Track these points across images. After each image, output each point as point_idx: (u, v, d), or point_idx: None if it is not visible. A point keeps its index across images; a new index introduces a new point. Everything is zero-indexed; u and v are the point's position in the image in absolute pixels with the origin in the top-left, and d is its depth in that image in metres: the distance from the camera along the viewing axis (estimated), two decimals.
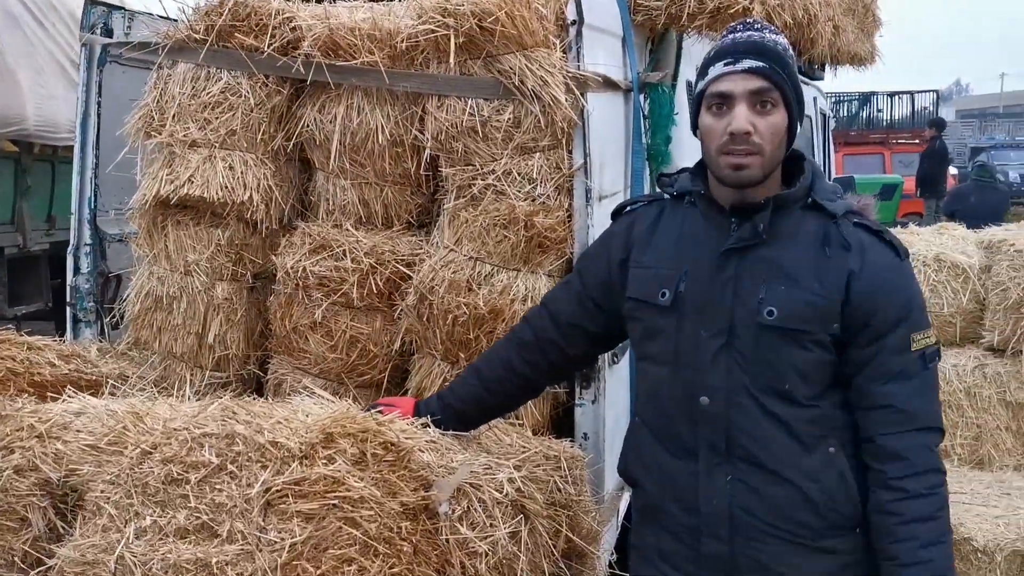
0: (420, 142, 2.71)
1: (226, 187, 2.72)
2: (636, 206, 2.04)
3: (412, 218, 2.86)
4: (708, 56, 1.82)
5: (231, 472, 1.81)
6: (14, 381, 2.49)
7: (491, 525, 2.03)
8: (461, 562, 1.99)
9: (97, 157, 3.16)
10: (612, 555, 2.75)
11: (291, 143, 2.82)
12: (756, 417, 1.78)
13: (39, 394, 2.44)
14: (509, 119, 2.57)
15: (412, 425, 2.10)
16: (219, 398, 2.02)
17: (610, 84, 2.82)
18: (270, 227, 2.84)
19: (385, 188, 2.79)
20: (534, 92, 2.51)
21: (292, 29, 2.68)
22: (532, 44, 2.54)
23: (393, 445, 1.94)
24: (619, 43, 2.99)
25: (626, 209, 2.06)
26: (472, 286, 2.61)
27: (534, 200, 2.60)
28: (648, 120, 3.15)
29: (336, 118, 2.71)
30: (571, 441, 2.57)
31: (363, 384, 2.84)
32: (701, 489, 1.82)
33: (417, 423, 2.13)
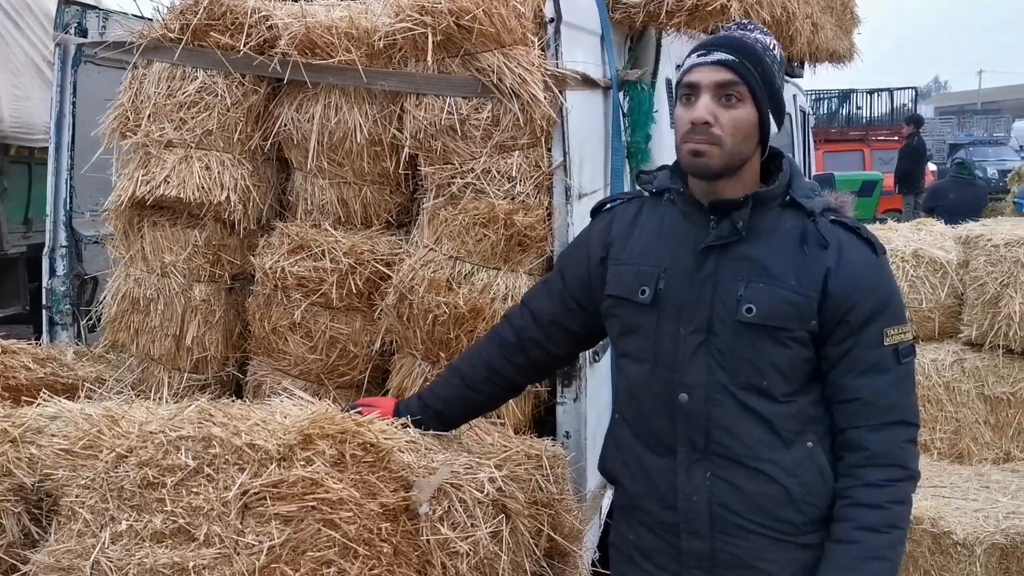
0: (399, 141, 2.69)
1: (203, 187, 2.70)
2: (615, 204, 2.04)
3: (391, 217, 2.85)
4: (691, 51, 1.84)
5: (208, 475, 1.79)
6: None
7: (472, 525, 2.03)
8: (442, 563, 1.98)
9: (72, 158, 3.13)
10: (595, 553, 2.75)
11: (268, 143, 2.80)
12: (735, 413, 1.79)
13: (14, 398, 2.42)
14: (488, 117, 2.56)
15: (392, 426, 2.08)
16: (197, 400, 2.00)
17: (589, 82, 2.82)
18: (248, 227, 2.82)
19: (364, 187, 2.77)
20: (513, 90, 2.51)
21: (268, 28, 2.66)
22: (510, 42, 2.53)
23: (372, 446, 1.92)
24: (598, 41, 2.99)
25: (605, 207, 2.06)
26: (452, 285, 2.60)
27: (513, 198, 2.60)
28: (627, 118, 3.16)
29: (314, 117, 2.69)
30: (553, 440, 2.57)
31: (343, 385, 2.83)
32: (680, 486, 1.82)
33: (397, 423, 2.12)
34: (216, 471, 1.79)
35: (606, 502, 2.93)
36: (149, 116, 2.74)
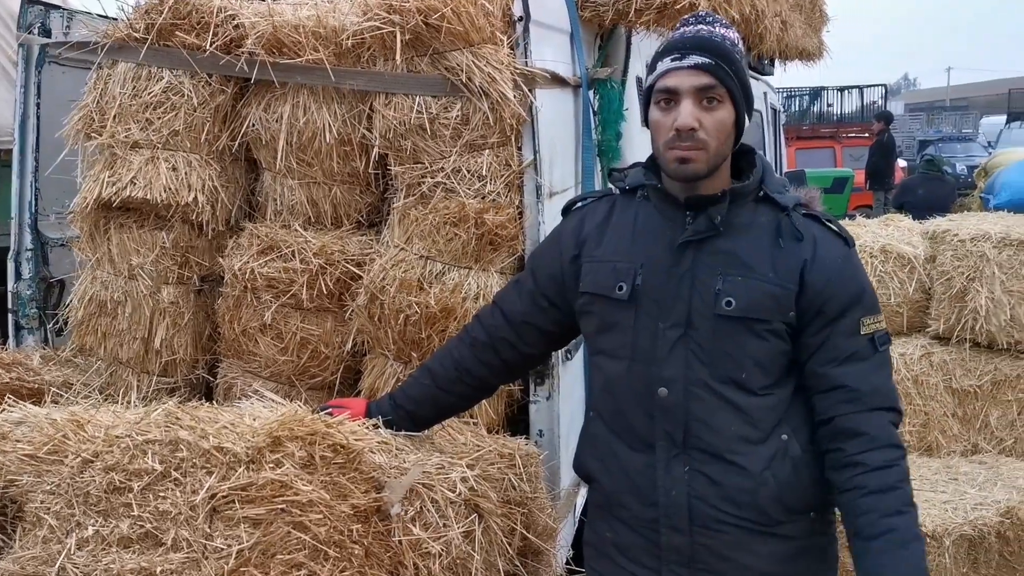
0: (368, 140, 2.68)
1: (170, 188, 2.67)
2: (586, 202, 2.04)
3: (362, 217, 2.84)
4: (658, 51, 1.83)
5: (175, 479, 1.77)
6: None
7: (444, 525, 2.02)
8: (414, 563, 1.97)
9: (37, 160, 3.09)
10: (569, 552, 2.75)
11: (236, 143, 2.77)
12: (713, 407, 1.80)
13: None
14: (457, 116, 2.55)
15: (362, 426, 2.07)
16: (165, 404, 1.98)
17: (559, 80, 2.82)
18: (216, 229, 2.80)
19: (333, 187, 2.76)
20: (482, 89, 2.50)
21: (235, 27, 2.64)
22: (479, 40, 2.52)
23: (343, 447, 1.91)
24: (567, 39, 2.99)
25: (576, 205, 2.06)
26: (423, 285, 2.59)
27: (484, 198, 2.59)
28: (598, 116, 3.16)
29: (282, 117, 2.68)
30: (526, 438, 2.56)
31: (315, 386, 2.81)
32: (659, 481, 1.83)
33: (368, 424, 2.11)
34: (184, 475, 1.78)
35: (580, 500, 2.93)
36: (114, 117, 2.71)
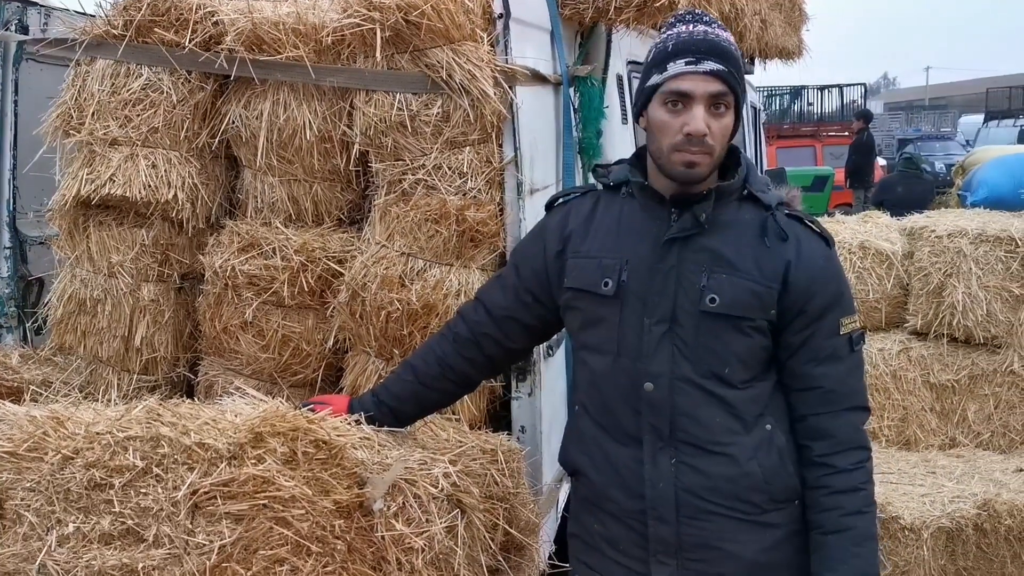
0: (349, 138, 2.68)
1: (149, 186, 2.66)
2: (569, 198, 2.05)
3: (343, 215, 2.84)
4: (665, 50, 1.82)
5: (157, 475, 1.77)
6: None
7: (427, 520, 2.02)
8: (397, 559, 1.97)
9: (15, 158, 3.07)
10: (552, 546, 2.76)
11: (216, 140, 2.76)
12: (698, 401, 1.83)
13: None
14: (438, 113, 2.56)
15: (345, 422, 2.08)
16: (146, 401, 1.97)
17: (539, 78, 2.83)
18: (197, 226, 2.79)
19: (314, 185, 2.76)
20: (462, 86, 2.51)
21: (214, 24, 2.63)
22: (459, 38, 2.53)
23: (325, 443, 1.91)
24: (547, 37, 3.00)
25: (559, 201, 2.07)
26: (405, 282, 2.59)
27: (465, 194, 2.60)
28: (578, 114, 3.17)
29: (262, 114, 2.67)
30: (508, 434, 2.57)
31: (297, 384, 2.81)
32: (646, 474, 1.85)
33: (350, 420, 2.11)
34: (165, 471, 1.78)
35: (562, 495, 2.94)
36: (93, 114, 2.69)
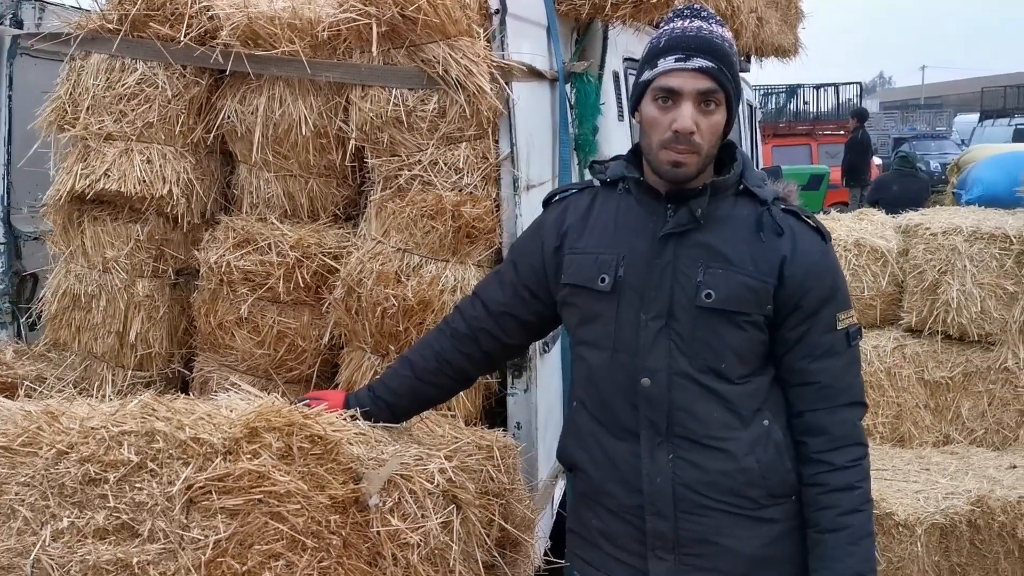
0: (345, 133, 2.67)
1: (144, 181, 2.65)
2: (567, 194, 2.05)
3: (338, 210, 2.83)
4: (657, 46, 1.82)
5: (151, 470, 1.77)
6: None
7: (422, 516, 2.02)
8: (393, 554, 1.97)
9: (9, 152, 3.06)
10: (547, 542, 2.76)
11: (211, 135, 2.76)
12: (695, 396, 1.83)
13: None
14: (434, 109, 2.55)
15: (340, 418, 2.07)
16: (141, 396, 1.97)
17: (535, 74, 2.83)
18: (192, 221, 2.78)
19: (310, 180, 2.75)
20: (458, 81, 2.50)
21: (209, 18, 2.62)
22: (455, 33, 2.52)
23: (320, 438, 1.91)
24: (544, 33, 3.00)
25: (556, 197, 2.06)
26: (401, 278, 2.59)
27: (461, 190, 2.59)
28: (574, 110, 3.17)
29: (257, 109, 2.66)
30: (504, 431, 2.57)
31: (292, 380, 2.80)
32: (644, 469, 1.85)
33: (346, 415, 2.10)
34: (160, 466, 1.77)
35: (558, 492, 2.94)
36: (88, 108, 2.69)
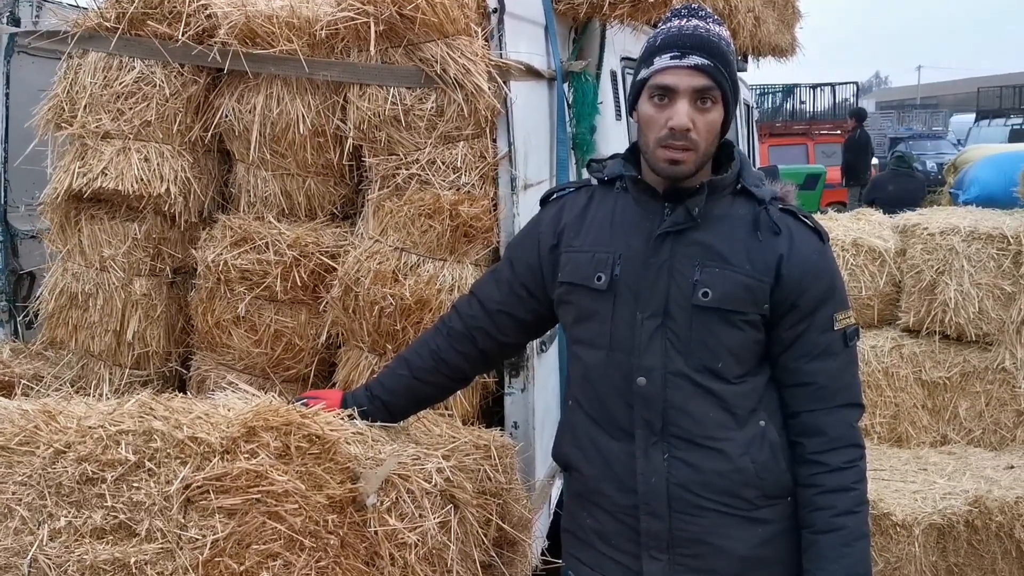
0: (342, 132, 2.67)
1: (141, 179, 2.65)
2: (564, 192, 2.05)
3: (336, 209, 2.83)
4: (654, 44, 1.82)
5: (149, 469, 1.76)
6: None
7: (420, 516, 2.02)
8: (390, 554, 1.97)
9: (6, 151, 3.06)
10: (544, 542, 2.76)
11: (209, 134, 2.75)
12: (691, 395, 1.82)
13: None
14: (432, 108, 2.55)
15: (338, 417, 2.07)
16: (138, 395, 1.96)
17: (533, 73, 2.83)
18: (189, 220, 2.78)
19: (307, 179, 2.75)
20: (456, 80, 2.50)
21: (207, 17, 2.62)
22: (453, 32, 2.52)
23: (318, 437, 1.91)
24: (542, 32, 3.00)
25: (554, 196, 2.06)
26: (398, 277, 2.59)
27: (459, 189, 2.59)
28: (572, 109, 3.17)
29: (255, 108, 2.66)
30: (501, 430, 2.57)
31: (289, 378, 2.80)
32: (638, 468, 1.84)
33: (343, 414, 2.10)
34: (157, 465, 1.77)
35: (555, 491, 2.94)
36: (85, 107, 2.68)
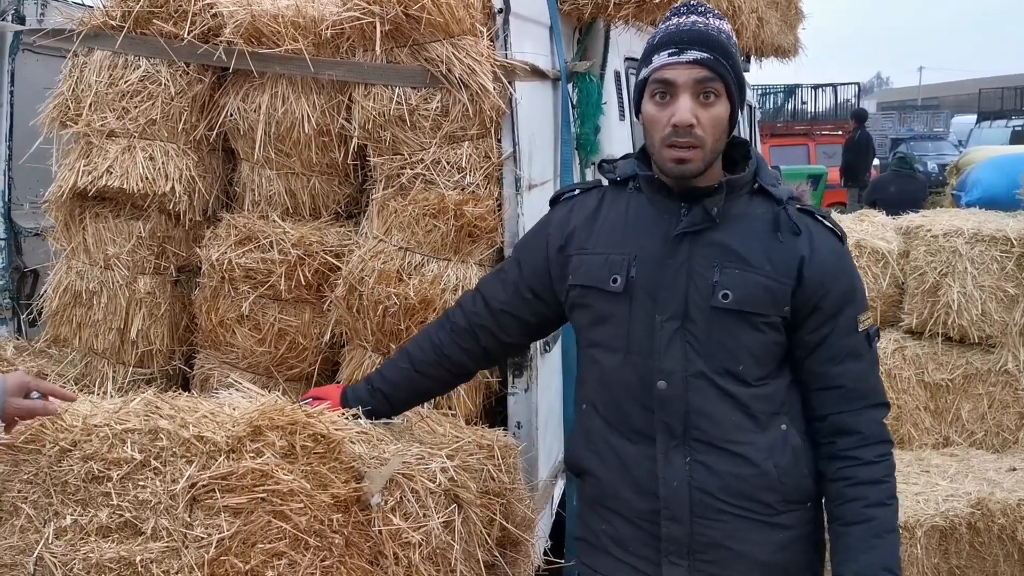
0: (347, 131, 2.67)
1: (146, 178, 2.65)
2: (574, 193, 2.01)
3: (340, 208, 2.83)
4: (652, 43, 1.80)
5: (155, 468, 1.77)
6: None
7: (424, 515, 2.02)
8: (394, 553, 1.97)
9: (10, 148, 3.06)
10: (547, 542, 2.76)
11: (214, 133, 2.75)
12: (712, 398, 1.79)
13: None
14: (437, 108, 2.55)
15: (343, 416, 2.07)
16: (144, 393, 1.97)
17: (538, 73, 2.83)
18: (194, 219, 2.78)
19: (312, 178, 2.75)
20: (462, 80, 2.50)
21: (213, 16, 2.62)
22: (459, 32, 2.52)
23: (323, 437, 1.91)
24: (546, 32, 3.00)
25: (563, 197, 2.02)
26: (402, 276, 2.59)
27: (463, 189, 2.59)
28: (576, 109, 3.17)
29: (260, 107, 2.66)
30: (504, 430, 2.57)
31: (293, 377, 2.80)
32: (659, 472, 1.81)
33: (348, 413, 2.11)
34: (163, 464, 1.77)
35: (557, 492, 2.95)
36: (90, 105, 2.68)
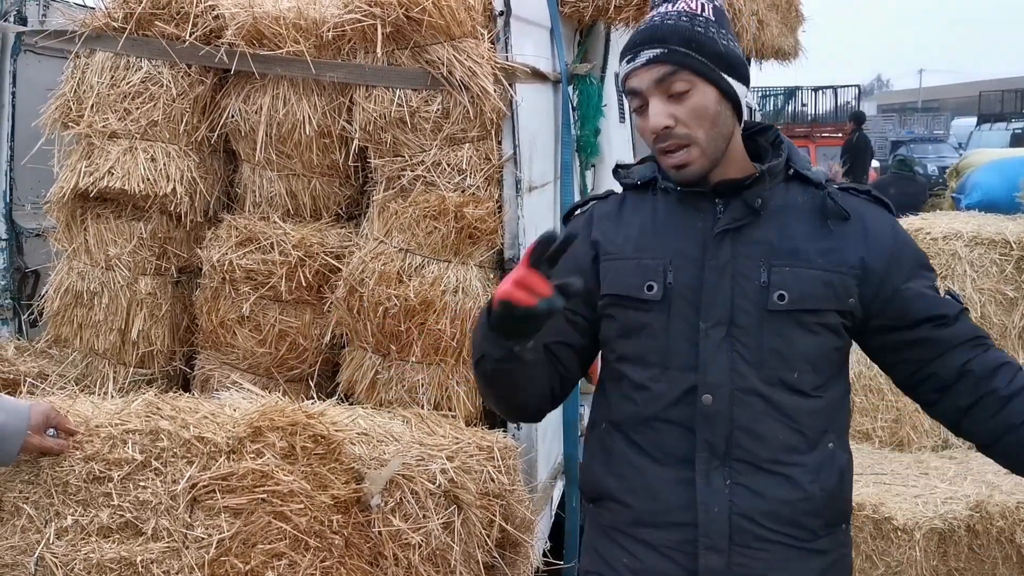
0: (348, 133, 2.68)
1: (148, 179, 2.66)
2: (588, 205, 1.86)
3: (341, 210, 2.84)
4: (622, 52, 1.69)
5: (156, 468, 1.77)
6: None
7: (424, 516, 2.03)
8: (394, 554, 1.98)
9: (12, 149, 3.06)
10: (546, 543, 2.77)
11: (216, 134, 2.76)
12: (760, 413, 1.62)
13: None
14: (438, 110, 2.56)
15: (344, 417, 2.08)
16: (145, 394, 1.97)
17: (539, 75, 2.83)
18: (195, 220, 2.79)
19: (313, 180, 2.76)
20: (462, 82, 2.51)
21: (215, 17, 2.63)
22: (460, 34, 2.53)
23: (323, 438, 1.92)
24: (547, 34, 3.01)
25: (577, 211, 1.87)
26: (403, 278, 2.59)
27: (464, 191, 2.60)
28: (577, 112, 3.18)
29: (261, 109, 2.67)
30: (504, 431, 2.58)
31: (293, 378, 2.81)
32: (699, 496, 1.63)
33: (348, 416, 2.11)
34: (164, 464, 1.78)
35: (556, 493, 2.95)
36: (92, 106, 2.69)
